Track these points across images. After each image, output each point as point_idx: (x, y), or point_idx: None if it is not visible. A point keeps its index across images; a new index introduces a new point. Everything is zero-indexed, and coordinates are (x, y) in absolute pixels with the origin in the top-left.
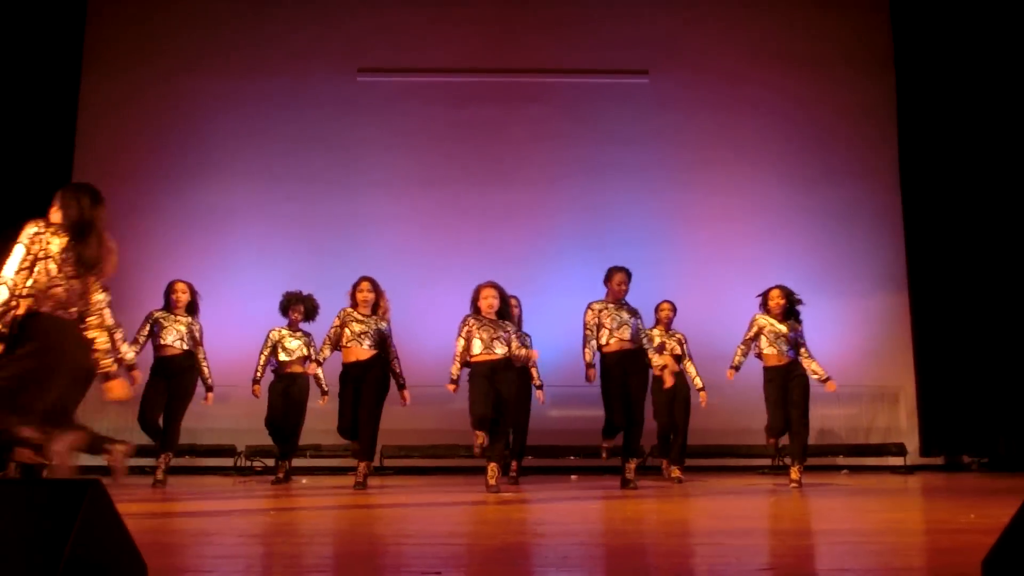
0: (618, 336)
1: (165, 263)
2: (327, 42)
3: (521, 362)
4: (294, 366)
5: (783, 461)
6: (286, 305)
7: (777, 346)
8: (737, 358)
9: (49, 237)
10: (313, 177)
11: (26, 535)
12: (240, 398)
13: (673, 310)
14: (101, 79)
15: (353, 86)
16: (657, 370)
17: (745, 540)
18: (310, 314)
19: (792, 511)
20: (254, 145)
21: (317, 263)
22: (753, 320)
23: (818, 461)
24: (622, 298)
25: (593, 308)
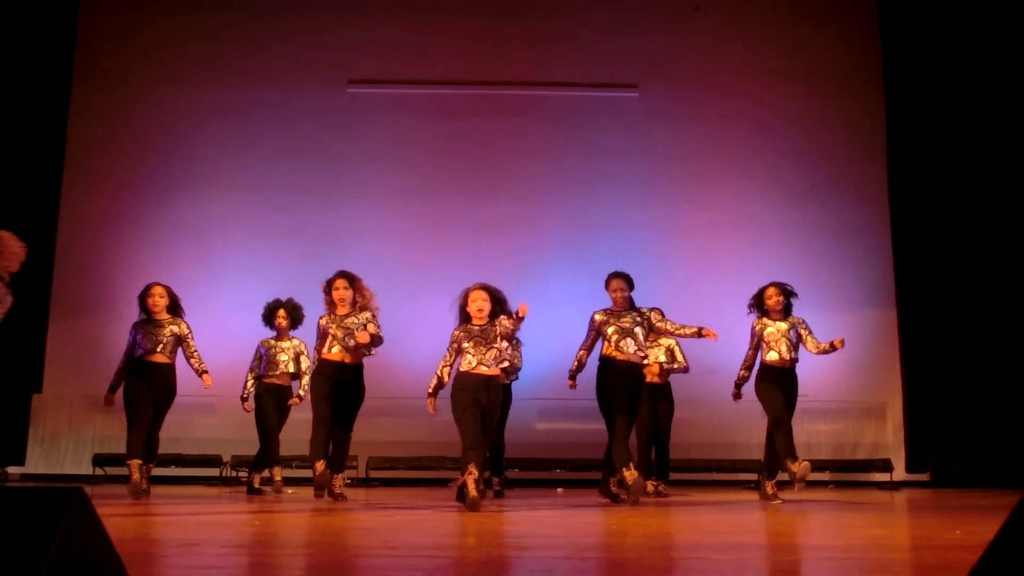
0: (620, 348)
1: (154, 273)
2: (317, 53)
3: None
4: (284, 377)
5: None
6: (269, 315)
7: (779, 348)
8: (741, 373)
9: None
10: (302, 188)
11: (6, 544)
12: (226, 408)
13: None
14: (92, 90)
15: (343, 97)
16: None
17: (730, 555)
18: (294, 318)
19: (777, 526)
20: (243, 156)
21: (306, 274)
22: (752, 331)
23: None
24: (624, 305)
25: (596, 316)
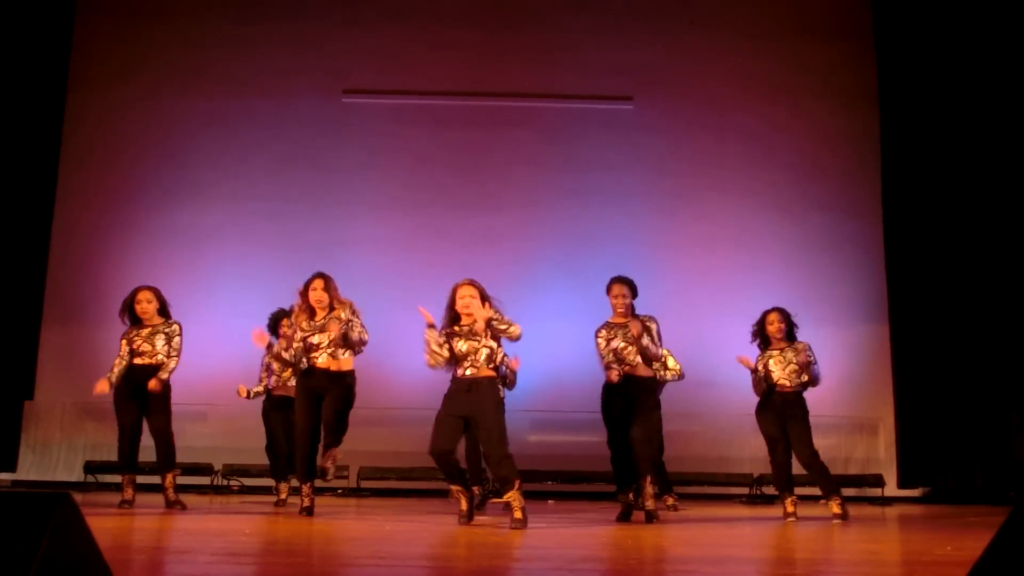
0: (622, 360)
1: (146, 281)
2: (312, 62)
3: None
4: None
5: (760, 490)
6: (274, 324)
7: (787, 372)
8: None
9: None
10: (296, 197)
11: None
12: (218, 416)
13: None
14: (86, 97)
15: (338, 107)
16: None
17: (721, 568)
18: None
19: (769, 540)
20: (238, 164)
21: (298, 283)
22: (755, 368)
23: (797, 491)
24: (625, 313)
25: (600, 335)
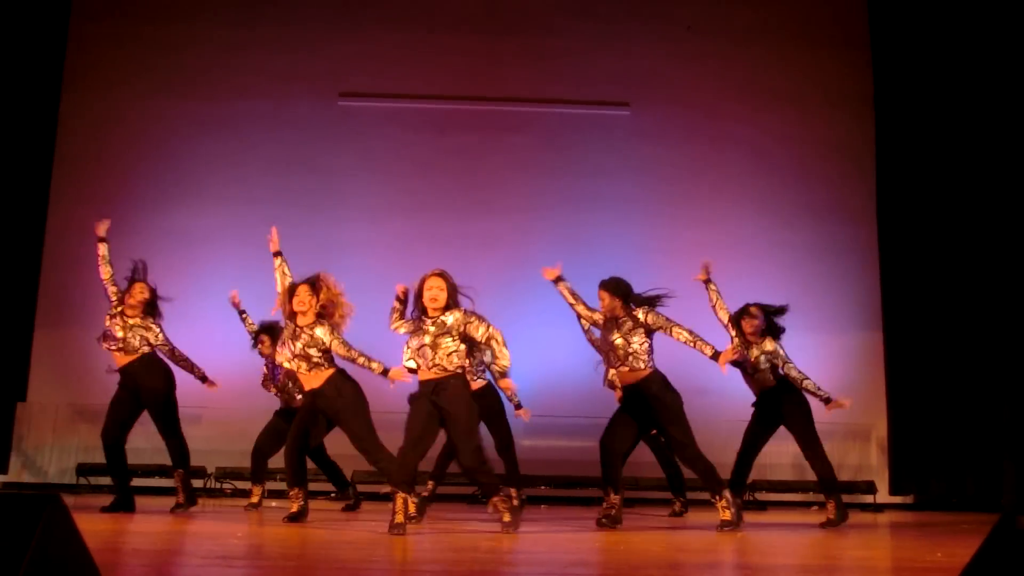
0: (615, 368)
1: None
2: (309, 66)
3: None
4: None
5: (753, 496)
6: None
7: (761, 369)
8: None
9: None
10: (292, 200)
11: None
12: (211, 420)
13: None
14: (81, 100)
15: (334, 110)
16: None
17: (713, 573)
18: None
19: (759, 546)
20: (233, 167)
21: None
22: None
23: (788, 497)
24: (615, 314)
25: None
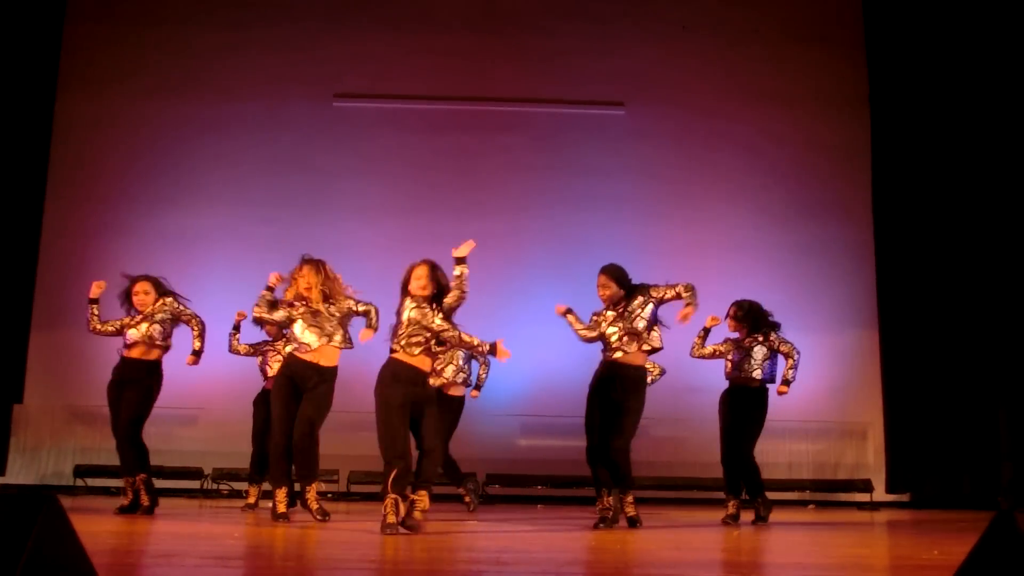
0: (612, 346)
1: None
2: (304, 67)
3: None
4: None
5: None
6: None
7: (738, 363)
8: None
9: None
10: (287, 201)
11: None
12: (208, 420)
13: None
14: (76, 100)
15: (329, 111)
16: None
17: (708, 572)
18: None
19: (756, 544)
20: (229, 168)
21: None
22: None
23: (785, 496)
24: (613, 299)
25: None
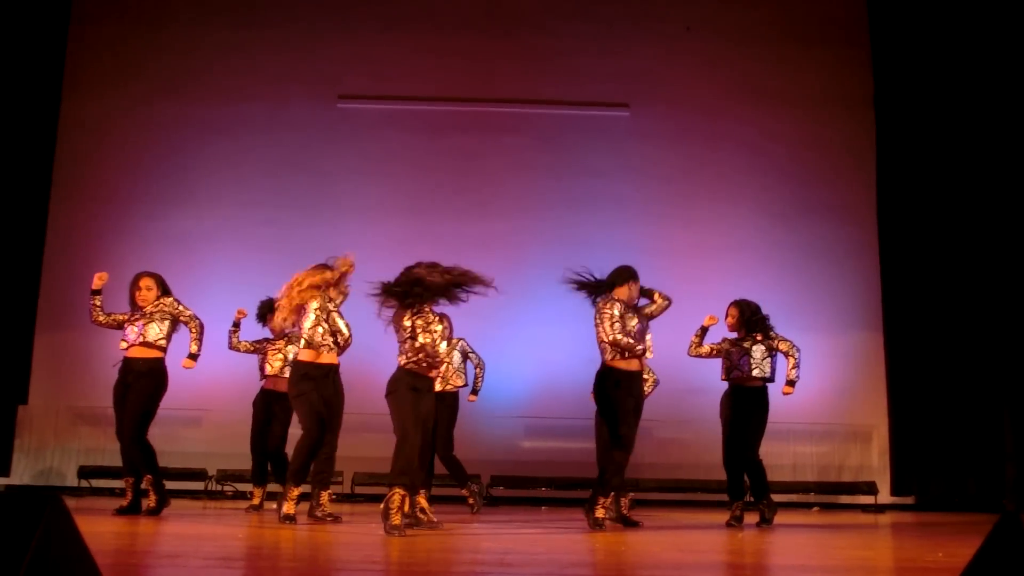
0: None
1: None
2: (307, 68)
3: None
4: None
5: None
6: (263, 313)
7: (737, 363)
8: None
9: None
10: (290, 202)
11: None
12: (211, 422)
13: None
14: (81, 101)
15: (333, 112)
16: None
17: (712, 574)
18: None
19: (761, 546)
20: (232, 169)
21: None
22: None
23: (790, 498)
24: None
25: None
